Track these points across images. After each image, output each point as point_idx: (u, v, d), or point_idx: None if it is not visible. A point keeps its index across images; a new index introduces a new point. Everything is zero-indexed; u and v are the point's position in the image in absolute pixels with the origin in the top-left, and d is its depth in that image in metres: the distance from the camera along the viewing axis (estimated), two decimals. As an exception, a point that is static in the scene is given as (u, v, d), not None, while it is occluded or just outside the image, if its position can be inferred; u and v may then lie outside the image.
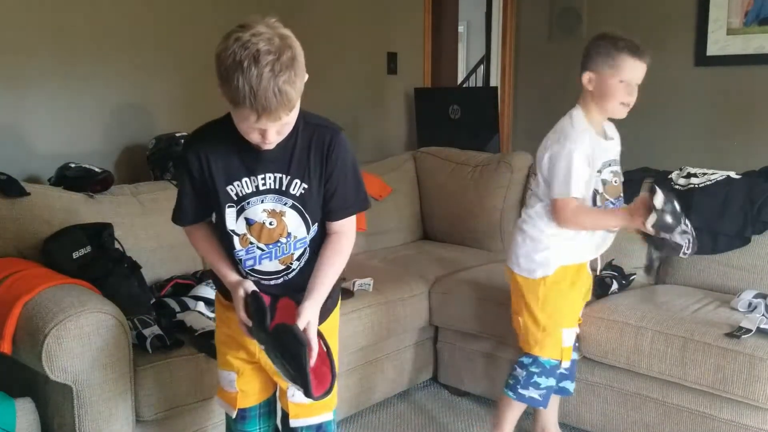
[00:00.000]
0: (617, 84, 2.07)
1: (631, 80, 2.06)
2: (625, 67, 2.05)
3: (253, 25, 1.45)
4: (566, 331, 2.25)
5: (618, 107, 2.10)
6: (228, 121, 1.58)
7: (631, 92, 2.07)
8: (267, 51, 1.42)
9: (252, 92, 1.41)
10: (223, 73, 1.45)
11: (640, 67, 2.07)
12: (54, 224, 2.40)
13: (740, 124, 3.82)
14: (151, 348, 2.10)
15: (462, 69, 8.41)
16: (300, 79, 1.52)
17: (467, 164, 3.60)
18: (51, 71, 2.81)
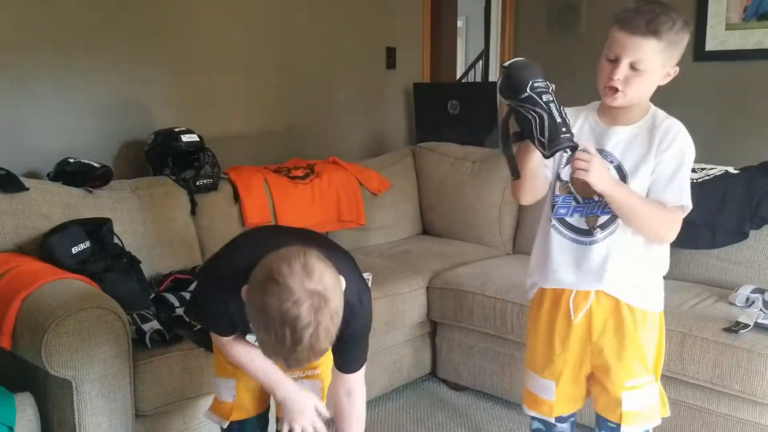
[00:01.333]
0: (604, 62, 1.71)
1: (617, 56, 1.67)
2: (609, 39, 1.70)
3: (290, 285, 1.35)
4: (531, 375, 1.92)
5: (604, 90, 1.72)
6: None
7: (614, 69, 1.67)
8: (306, 324, 1.35)
9: (286, 354, 1.40)
10: (260, 323, 1.40)
11: (624, 40, 1.65)
12: (53, 219, 2.40)
13: (739, 120, 3.82)
14: (151, 343, 2.10)
15: (461, 64, 8.40)
16: (336, 323, 1.42)
17: (466, 159, 3.60)
18: (50, 66, 2.81)
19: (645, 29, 1.64)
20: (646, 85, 1.71)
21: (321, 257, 1.43)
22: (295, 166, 3.31)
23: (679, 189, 1.71)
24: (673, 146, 1.71)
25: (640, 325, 1.77)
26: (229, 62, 3.41)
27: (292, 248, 1.42)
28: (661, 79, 1.73)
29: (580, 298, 1.79)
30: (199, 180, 2.87)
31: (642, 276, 1.78)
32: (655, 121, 1.76)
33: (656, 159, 1.71)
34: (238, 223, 2.97)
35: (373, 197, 3.49)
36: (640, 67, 1.66)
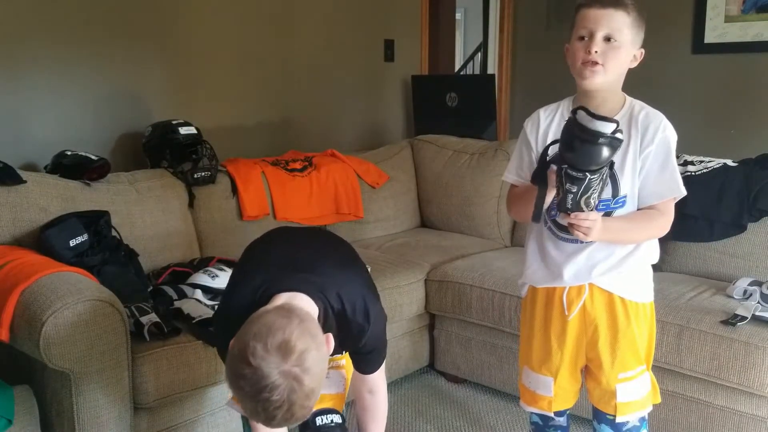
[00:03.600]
0: (577, 43, 1.71)
1: (590, 33, 1.68)
2: (579, 20, 1.72)
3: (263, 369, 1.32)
4: (526, 371, 1.93)
5: (581, 68, 1.70)
6: None
7: (590, 44, 1.67)
8: (279, 406, 1.34)
9: (262, 422, 1.41)
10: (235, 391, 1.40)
11: (594, 14, 1.68)
12: (50, 212, 2.40)
13: (737, 112, 3.82)
14: (149, 335, 2.10)
15: (459, 56, 8.38)
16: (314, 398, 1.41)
17: (464, 152, 3.60)
18: (48, 59, 2.80)
19: (613, 2, 1.67)
20: (621, 62, 1.70)
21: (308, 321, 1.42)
22: (293, 159, 3.31)
23: (671, 182, 1.73)
24: (656, 139, 1.72)
25: (632, 317, 1.79)
26: (227, 54, 3.40)
27: (277, 316, 1.39)
28: (631, 60, 1.73)
29: (574, 294, 1.80)
30: (196, 173, 2.86)
31: (634, 269, 1.79)
32: (632, 112, 1.76)
33: (642, 153, 1.72)
34: (236, 216, 2.97)
35: (372, 190, 3.49)
36: (615, 37, 1.67)
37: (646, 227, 1.74)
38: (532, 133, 1.84)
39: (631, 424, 1.84)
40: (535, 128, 1.84)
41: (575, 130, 1.50)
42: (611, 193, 1.71)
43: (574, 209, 1.57)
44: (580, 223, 1.60)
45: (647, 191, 1.73)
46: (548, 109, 1.86)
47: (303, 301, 1.53)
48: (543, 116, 1.84)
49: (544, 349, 1.87)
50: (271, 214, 3.08)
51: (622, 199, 1.73)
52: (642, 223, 1.73)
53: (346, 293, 1.60)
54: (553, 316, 1.84)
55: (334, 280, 1.60)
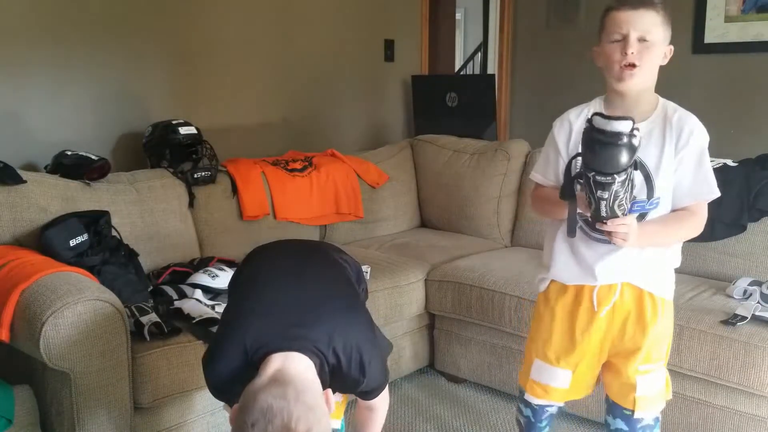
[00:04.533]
0: (610, 46, 1.72)
1: (623, 35, 1.70)
2: (610, 24, 1.73)
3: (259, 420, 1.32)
4: (539, 364, 1.92)
5: (618, 71, 1.71)
6: None
7: (626, 46, 1.69)
8: None
9: None
10: None
11: (627, 16, 1.70)
12: (51, 212, 2.40)
13: (737, 112, 3.82)
14: (149, 335, 2.10)
15: (459, 56, 8.38)
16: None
17: (464, 152, 3.60)
18: (48, 59, 2.80)
19: (644, 3, 1.71)
20: (655, 61, 1.73)
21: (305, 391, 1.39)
22: (293, 159, 3.31)
23: (705, 183, 1.75)
24: (690, 142, 1.73)
25: (660, 312, 1.81)
26: (227, 54, 3.40)
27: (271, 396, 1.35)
28: (662, 57, 1.76)
29: (605, 292, 1.80)
30: (197, 172, 2.87)
31: (662, 266, 1.82)
32: (666, 114, 1.76)
33: (677, 156, 1.72)
34: (236, 216, 2.97)
35: (372, 190, 3.49)
36: (649, 38, 1.70)
37: (680, 228, 1.76)
38: (561, 135, 1.84)
39: (645, 422, 1.85)
40: (565, 131, 1.83)
41: (595, 135, 1.52)
42: (646, 194, 1.71)
43: (609, 216, 1.58)
44: (617, 229, 1.61)
45: (682, 192, 1.74)
46: (577, 110, 1.86)
47: (298, 362, 1.47)
48: (573, 118, 1.84)
49: (565, 342, 1.86)
50: (271, 214, 3.09)
51: (656, 200, 1.73)
52: (677, 225, 1.75)
53: (342, 346, 1.53)
54: (580, 312, 1.83)
55: (330, 331, 1.53)
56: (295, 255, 1.83)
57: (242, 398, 1.40)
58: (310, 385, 1.43)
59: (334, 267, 1.80)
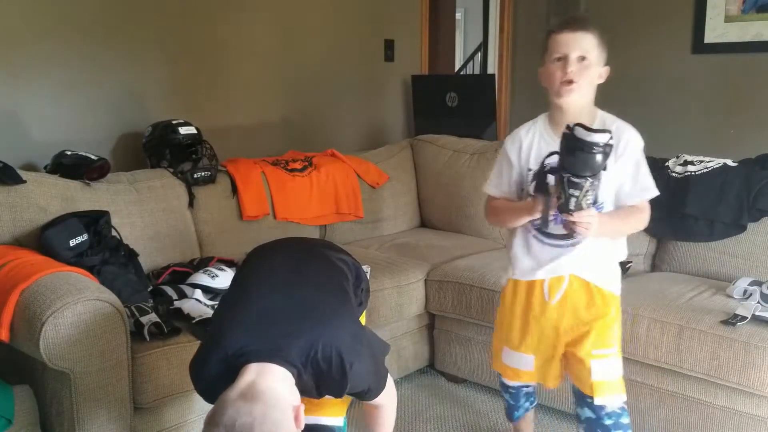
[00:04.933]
0: (552, 65, 1.90)
1: (564, 55, 1.87)
2: (553, 45, 1.91)
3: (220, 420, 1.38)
4: (507, 351, 2.13)
5: (559, 87, 1.89)
6: None
7: (565, 65, 1.87)
8: None
9: None
10: None
11: (567, 38, 1.88)
12: (50, 212, 2.40)
13: (737, 112, 3.82)
14: (149, 335, 2.10)
15: (459, 56, 8.38)
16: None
17: (464, 152, 3.60)
18: (48, 59, 2.80)
19: (582, 26, 1.89)
20: (592, 79, 1.91)
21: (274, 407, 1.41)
22: (293, 159, 3.31)
23: (644, 187, 1.94)
24: (627, 151, 1.91)
25: (608, 304, 1.98)
26: (228, 54, 3.40)
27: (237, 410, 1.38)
28: (598, 77, 1.93)
29: (555, 282, 1.99)
30: (196, 172, 2.87)
31: (608, 259, 2.00)
32: (604, 125, 1.92)
33: (616, 164, 1.89)
34: (236, 216, 2.97)
35: (372, 190, 3.49)
36: (587, 57, 1.88)
37: (632, 221, 1.95)
38: (513, 151, 2.04)
39: (610, 408, 1.95)
40: (516, 147, 2.04)
41: (575, 143, 1.68)
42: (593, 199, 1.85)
43: (576, 209, 1.75)
44: (582, 219, 1.77)
45: (624, 194, 1.93)
46: (526, 127, 2.06)
47: (273, 375, 1.48)
48: (523, 135, 2.04)
49: (523, 329, 2.06)
50: (271, 214, 3.09)
51: (601, 204, 1.91)
52: (629, 218, 1.95)
53: (322, 352, 1.52)
54: (534, 302, 2.03)
55: (312, 339, 1.53)
56: (290, 258, 1.81)
57: (215, 405, 1.43)
58: (279, 402, 1.44)
59: (328, 270, 1.79)
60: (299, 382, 1.53)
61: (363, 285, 1.91)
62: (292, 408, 1.46)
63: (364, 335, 1.66)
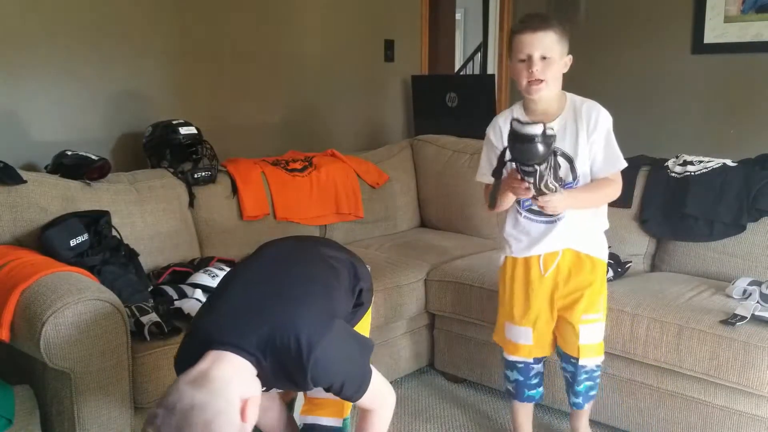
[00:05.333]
0: (518, 65, 2.05)
1: (527, 55, 2.02)
2: (516, 45, 2.05)
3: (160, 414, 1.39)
4: (508, 326, 2.29)
5: (527, 86, 2.05)
6: None
7: (530, 65, 2.01)
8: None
9: None
10: None
11: (529, 39, 2.01)
12: (51, 212, 2.40)
13: (737, 112, 3.82)
14: (149, 335, 2.11)
15: (459, 56, 8.38)
16: None
17: (464, 152, 3.60)
18: (48, 59, 2.81)
19: (541, 26, 2.02)
20: (557, 73, 2.07)
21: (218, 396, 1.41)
22: (293, 159, 3.31)
23: (615, 159, 2.10)
24: (598, 126, 2.08)
25: (596, 269, 2.19)
26: (227, 54, 3.40)
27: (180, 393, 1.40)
28: (563, 68, 2.09)
29: (548, 257, 2.18)
30: (197, 172, 2.87)
31: (594, 230, 2.20)
32: (575, 106, 2.12)
33: (589, 140, 2.08)
34: (236, 216, 2.98)
35: (372, 190, 3.49)
36: (548, 55, 2.02)
37: (603, 192, 2.13)
38: (496, 137, 2.22)
39: (588, 368, 2.22)
40: (498, 133, 2.21)
41: (515, 137, 1.83)
42: (571, 177, 2.10)
43: (538, 194, 1.94)
44: (545, 203, 1.97)
45: (597, 167, 2.11)
46: (503, 115, 2.23)
47: (227, 363, 1.49)
48: (501, 122, 2.21)
49: (525, 304, 2.23)
50: (271, 214, 3.09)
51: (578, 180, 2.11)
52: (600, 190, 2.13)
53: (282, 338, 1.52)
54: (531, 277, 2.21)
55: (273, 325, 1.53)
56: (279, 256, 1.83)
57: (174, 382, 1.45)
58: (225, 391, 1.43)
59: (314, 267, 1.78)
60: (261, 372, 1.53)
61: (362, 285, 1.89)
62: (239, 399, 1.45)
63: (338, 329, 1.61)
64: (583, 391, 2.26)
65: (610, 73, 4.12)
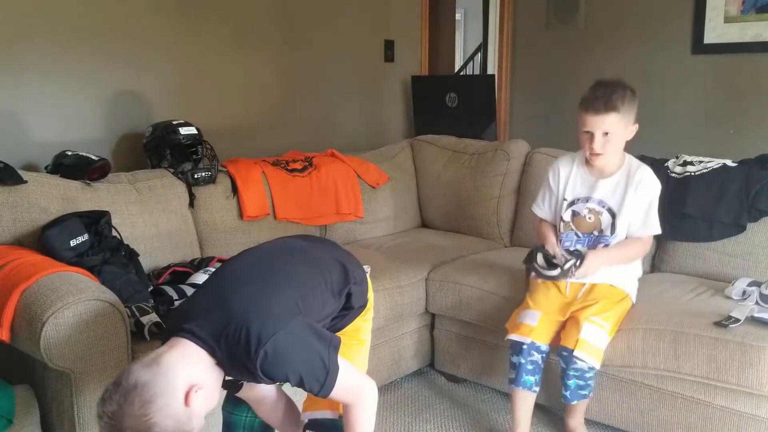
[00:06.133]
0: (583, 135, 2.29)
1: (590, 130, 2.25)
2: (581, 120, 2.27)
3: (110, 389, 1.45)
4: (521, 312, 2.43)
5: (588, 156, 2.32)
6: None
7: (592, 141, 2.25)
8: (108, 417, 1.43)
9: None
10: None
11: (592, 119, 2.22)
12: (51, 212, 2.40)
13: (737, 112, 3.82)
14: (149, 335, 2.11)
15: (459, 57, 8.38)
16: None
17: (464, 152, 3.60)
18: (48, 59, 2.81)
19: (604, 108, 2.22)
20: (618, 145, 2.30)
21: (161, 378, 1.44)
22: (293, 159, 3.31)
23: (650, 223, 2.35)
24: (645, 191, 2.33)
25: (616, 293, 2.36)
26: (228, 55, 3.40)
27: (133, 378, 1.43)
28: (629, 136, 2.30)
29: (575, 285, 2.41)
30: (197, 173, 2.87)
31: (625, 275, 2.42)
32: (630, 169, 2.36)
33: (633, 200, 2.33)
34: (236, 216, 2.98)
35: (372, 190, 3.49)
36: (611, 132, 2.24)
37: (632, 252, 2.40)
38: (554, 180, 2.50)
39: (580, 365, 2.26)
40: (556, 177, 2.49)
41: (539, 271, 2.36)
42: (610, 230, 2.36)
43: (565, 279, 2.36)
44: (582, 277, 2.34)
45: (634, 229, 2.37)
46: (564, 160, 2.49)
47: (181, 349, 1.52)
48: (561, 167, 2.48)
49: (542, 297, 2.40)
50: (272, 215, 3.09)
51: (616, 235, 2.36)
52: (629, 250, 2.39)
53: (234, 329, 1.52)
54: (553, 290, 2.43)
55: (227, 316, 1.54)
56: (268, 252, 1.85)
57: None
58: (171, 374, 1.46)
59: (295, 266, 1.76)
60: (218, 361, 1.56)
61: (353, 288, 1.84)
62: (185, 384, 1.47)
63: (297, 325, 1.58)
64: (572, 387, 2.30)
65: (610, 73, 4.11)
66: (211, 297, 1.64)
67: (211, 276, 1.77)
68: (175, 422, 1.45)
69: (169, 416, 1.44)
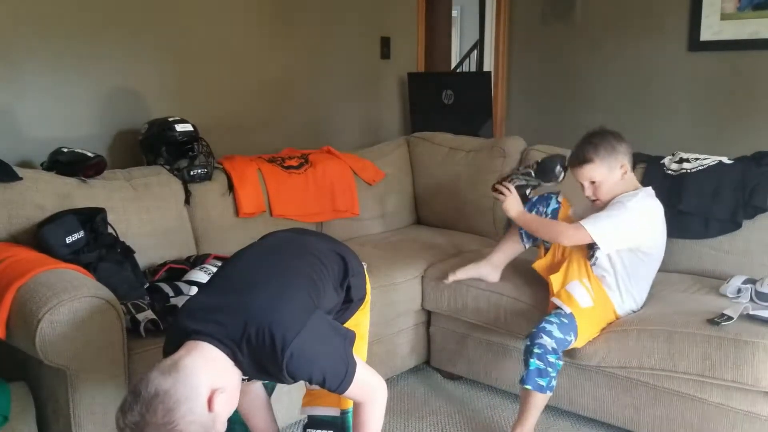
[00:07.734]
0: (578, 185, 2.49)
1: (578, 181, 2.46)
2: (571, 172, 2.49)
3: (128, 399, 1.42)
4: None
5: (588, 200, 2.49)
6: None
7: (583, 189, 2.45)
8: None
9: None
10: None
11: (575, 172, 2.45)
12: (47, 209, 2.40)
13: (733, 110, 3.82)
14: (145, 332, 2.11)
15: (455, 54, 8.38)
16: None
17: (460, 149, 3.60)
18: (44, 55, 2.80)
19: (578, 162, 2.43)
20: (609, 187, 2.41)
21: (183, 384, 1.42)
22: (289, 156, 3.31)
23: (595, 223, 2.34)
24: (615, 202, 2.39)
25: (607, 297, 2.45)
26: (224, 51, 3.40)
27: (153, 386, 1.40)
28: (618, 177, 2.42)
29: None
30: (193, 170, 2.86)
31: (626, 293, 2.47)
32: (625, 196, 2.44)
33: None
34: (232, 213, 2.97)
35: (368, 187, 3.49)
36: (595, 181, 2.41)
37: (554, 228, 2.47)
38: None
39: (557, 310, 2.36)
40: None
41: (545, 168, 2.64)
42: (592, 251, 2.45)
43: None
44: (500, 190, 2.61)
45: (578, 213, 2.53)
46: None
47: (200, 353, 1.49)
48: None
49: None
50: (268, 212, 3.09)
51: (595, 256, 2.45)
52: (553, 225, 2.49)
53: (257, 330, 1.51)
54: None
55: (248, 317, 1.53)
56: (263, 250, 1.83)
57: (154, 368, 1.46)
58: (193, 379, 1.43)
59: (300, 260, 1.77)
60: (238, 363, 1.53)
61: (352, 281, 1.85)
62: (207, 389, 1.44)
63: (315, 322, 1.59)
64: (532, 369, 2.28)
65: (606, 70, 4.12)
66: (223, 297, 1.60)
67: (218, 275, 1.74)
68: (200, 427, 1.43)
69: (193, 422, 1.41)
